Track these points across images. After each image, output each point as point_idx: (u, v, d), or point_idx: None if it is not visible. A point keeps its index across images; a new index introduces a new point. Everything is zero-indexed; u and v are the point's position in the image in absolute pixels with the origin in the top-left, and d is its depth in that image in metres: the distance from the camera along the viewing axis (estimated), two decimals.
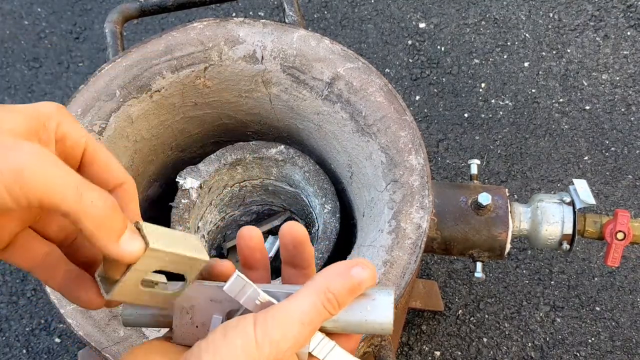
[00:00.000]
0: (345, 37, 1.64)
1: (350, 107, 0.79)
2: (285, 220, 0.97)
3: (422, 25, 1.66)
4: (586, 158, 1.48)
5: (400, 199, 0.72)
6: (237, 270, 0.38)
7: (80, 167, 0.38)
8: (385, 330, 0.38)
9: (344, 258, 0.77)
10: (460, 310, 1.32)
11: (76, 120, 0.39)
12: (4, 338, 1.30)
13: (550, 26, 1.65)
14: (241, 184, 0.92)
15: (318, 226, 0.88)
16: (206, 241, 0.94)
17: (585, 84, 1.57)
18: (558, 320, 1.31)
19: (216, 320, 0.39)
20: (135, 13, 0.97)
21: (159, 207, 0.92)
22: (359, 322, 0.38)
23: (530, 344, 1.28)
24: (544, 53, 1.61)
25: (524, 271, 1.35)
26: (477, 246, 0.87)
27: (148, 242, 0.35)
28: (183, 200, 0.83)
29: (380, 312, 0.38)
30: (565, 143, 1.50)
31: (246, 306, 0.38)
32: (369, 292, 0.39)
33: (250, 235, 0.43)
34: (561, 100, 1.55)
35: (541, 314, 1.31)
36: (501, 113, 1.54)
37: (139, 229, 0.36)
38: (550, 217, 0.87)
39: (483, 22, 1.66)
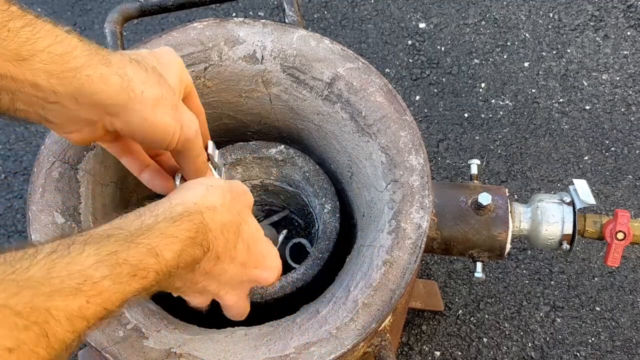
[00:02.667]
0: (345, 37, 1.64)
1: (350, 107, 0.79)
2: (284, 218, 0.97)
3: (422, 25, 1.66)
4: (586, 158, 1.48)
5: (400, 199, 0.72)
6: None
7: (184, 100, 0.63)
8: None
9: (344, 258, 0.77)
10: (460, 310, 1.32)
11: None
12: None
13: (550, 26, 1.65)
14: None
15: (318, 226, 0.88)
16: None
17: (585, 84, 1.57)
18: (558, 320, 1.31)
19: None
20: (135, 13, 0.97)
21: None
22: None
23: (530, 344, 1.28)
24: (544, 53, 1.61)
25: (524, 271, 1.35)
26: (477, 246, 0.87)
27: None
28: None
29: None
30: (565, 143, 1.50)
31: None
32: None
33: None
34: (561, 100, 1.55)
35: (541, 314, 1.31)
36: (501, 113, 1.54)
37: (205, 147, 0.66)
38: (550, 217, 0.87)
39: (483, 22, 1.66)
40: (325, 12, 1.68)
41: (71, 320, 0.40)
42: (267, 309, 0.79)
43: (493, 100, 1.55)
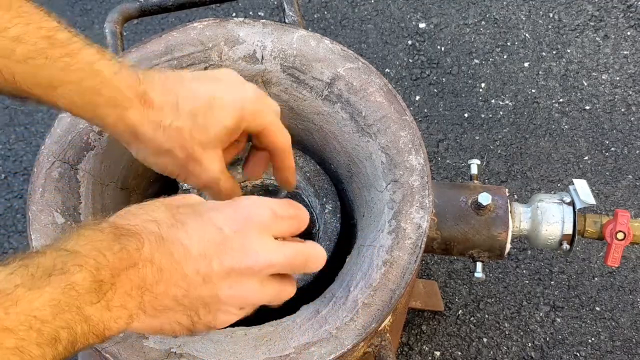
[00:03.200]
0: (345, 37, 1.64)
1: (350, 107, 0.79)
2: None
3: (422, 25, 1.66)
4: (586, 158, 1.48)
5: (401, 199, 0.72)
6: None
7: (257, 135, 0.66)
8: None
9: (344, 258, 0.77)
10: (460, 310, 1.32)
11: (262, 105, 0.64)
12: None
13: (550, 26, 1.65)
14: (241, 183, 0.92)
15: (319, 226, 0.88)
16: None
17: (585, 84, 1.57)
18: (558, 320, 1.31)
19: None
20: (135, 13, 0.97)
21: None
22: None
23: (530, 344, 1.28)
24: (544, 53, 1.61)
25: (524, 271, 1.35)
26: (477, 246, 0.87)
27: None
28: None
29: None
30: (565, 143, 1.50)
31: None
32: None
33: None
34: (561, 100, 1.55)
35: (541, 314, 1.31)
36: (501, 113, 1.54)
37: None
38: (550, 217, 0.87)
39: (483, 22, 1.66)
40: (325, 12, 1.68)
41: None
42: (266, 309, 0.79)
43: (493, 100, 1.55)
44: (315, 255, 0.52)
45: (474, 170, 0.94)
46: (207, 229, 0.48)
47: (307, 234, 0.94)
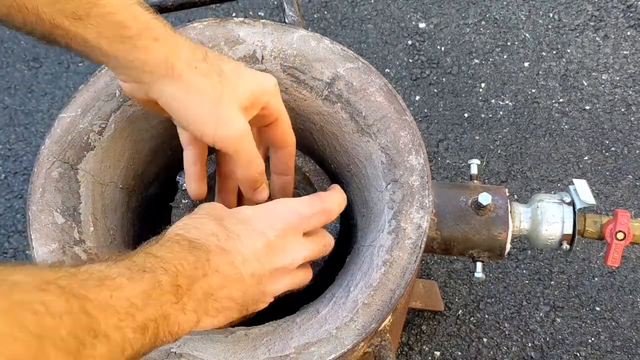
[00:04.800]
0: (345, 37, 1.64)
1: (350, 107, 0.79)
2: None
3: (422, 25, 1.66)
4: (586, 158, 1.48)
5: (400, 199, 0.72)
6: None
7: (268, 127, 0.65)
8: None
9: (344, 258, 0.77)
10: (460, 310, 1.32)
11: (279, 96, 0.64)
12: None
13: (550, 26, 1.65)
14: None
15: None
16: None
17: (585, 84, 1.57)
18: (558, 320, 1.31)
19: None
20: None
21: (159, 207, 0.92)
22: None
23: (530, 344, 1.28)
24: (544, 53, 1.61)
25: (524, 271, 1.35)
26: (477, 246, 0.87)
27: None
28: (183, 200, 0.83)
29: None
30: (565, 143, 1.50)
31: None
32: None
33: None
34: (561, 100, 1.55)
35: (541, 314, 1.31)
36: (501, 113, 1.54)
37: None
38: (550, 217, 0.87)
39: (483, 22, 1.66)
40: (325, 12, 1.68)
41: None
42: (267, 309, 0.79)
43: (493, 100, 1.55)
44: (330, 242, 0.65)
45: (474, 170, 0.94)
46: (255, 237, 0.56)
47: None
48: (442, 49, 1.63)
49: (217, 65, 0.60)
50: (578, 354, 1.28)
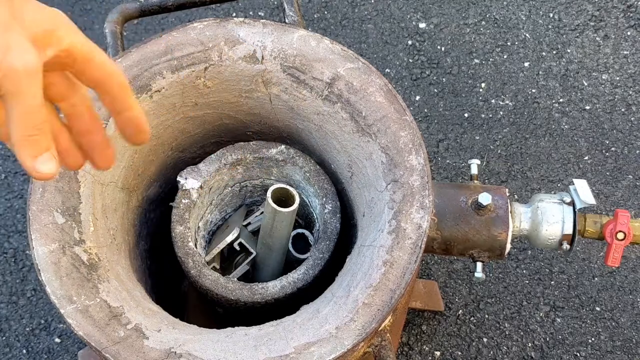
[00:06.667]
0: (345, 37, 1.64)
1: (350, 107, 0.79)
2: None
3: (422, 25, 1.66)
4: (586, 158, 1.48)
5: (401, 199, 0.72)
6: None
7: (84, 70, 0.49)
8: None
9: (344, 258, 0.77)
10: (460, 310, 1.32)
11: (79, 31, 0.49)
12: (4, 338, 1.30)
13: (550, 26, 1.65)
14: (242, 184, 0.92)
15: (319, 226, 0.88)
16: (206, 241, 0.94)
17: (585, 84, 1.57)
18: (558, 320, 1.31)
19: None
20: (135, 13, 0.97)
21: (159, 207, 0.93)
22: None
23: (530, 344, 1.28)
24: (544, 53, 1.61)
25: (524, 271, 1.35)
26: (477, 246, 0.87)
27: None
28: (184, 200, 0.83)
29: None
30: (565, 143, 1.50)
31: None
32: None
33: None
34: (561, 100, 1.55)
35: (541, 314, 1.31)
36: (501, 113, 1.54)
37: None
38: (550, 217, 0.87)
39: (483, 22, 1.66)
40: (325, 12, 1.68)
41: None
42: (267, 309, 0.79)
43: (493, 100, 1.55)
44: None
45: (474, 170, 0.94)
46: None
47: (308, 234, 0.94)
48: (442, 49, 1.63)
49: None
50: (578, 354, 1.28)
